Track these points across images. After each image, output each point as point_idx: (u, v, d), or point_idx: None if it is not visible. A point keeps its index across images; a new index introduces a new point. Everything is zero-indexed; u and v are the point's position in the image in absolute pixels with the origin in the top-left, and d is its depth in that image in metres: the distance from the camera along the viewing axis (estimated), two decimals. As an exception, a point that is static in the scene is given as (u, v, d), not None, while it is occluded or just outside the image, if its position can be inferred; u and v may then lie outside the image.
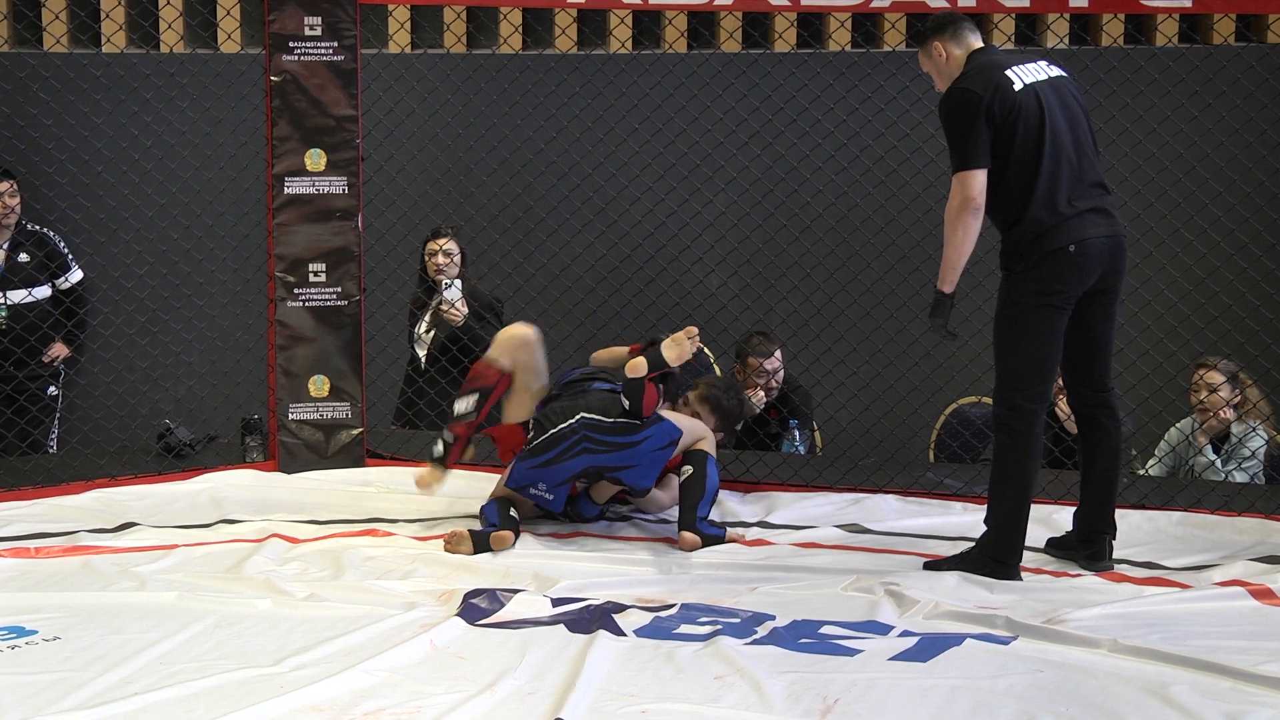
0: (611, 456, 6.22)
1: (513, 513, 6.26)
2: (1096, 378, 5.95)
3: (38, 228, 8.75)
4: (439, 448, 6.54)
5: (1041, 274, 5.66)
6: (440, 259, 8.29)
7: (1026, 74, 5.74)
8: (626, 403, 6.20)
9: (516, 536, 6.17)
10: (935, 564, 5.86)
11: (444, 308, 8.22)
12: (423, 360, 8.36)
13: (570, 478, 6.28)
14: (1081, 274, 5.67)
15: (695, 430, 6.46)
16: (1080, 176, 5.73)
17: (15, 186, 8.55)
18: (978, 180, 5.69)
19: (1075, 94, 5.87)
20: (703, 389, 6.86)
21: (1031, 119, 5.67)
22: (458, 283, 8.22)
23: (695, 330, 6.20)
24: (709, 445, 6.44)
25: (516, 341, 6.57)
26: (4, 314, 8.41)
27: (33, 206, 8.79)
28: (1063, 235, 5.64)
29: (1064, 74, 5.87)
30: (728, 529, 6.30)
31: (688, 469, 6.31)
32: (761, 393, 7.91)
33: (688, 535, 6.16)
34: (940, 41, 5.88)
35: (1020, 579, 5.71)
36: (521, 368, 6.55)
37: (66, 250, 8.78)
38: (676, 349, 6.15)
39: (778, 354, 7.98)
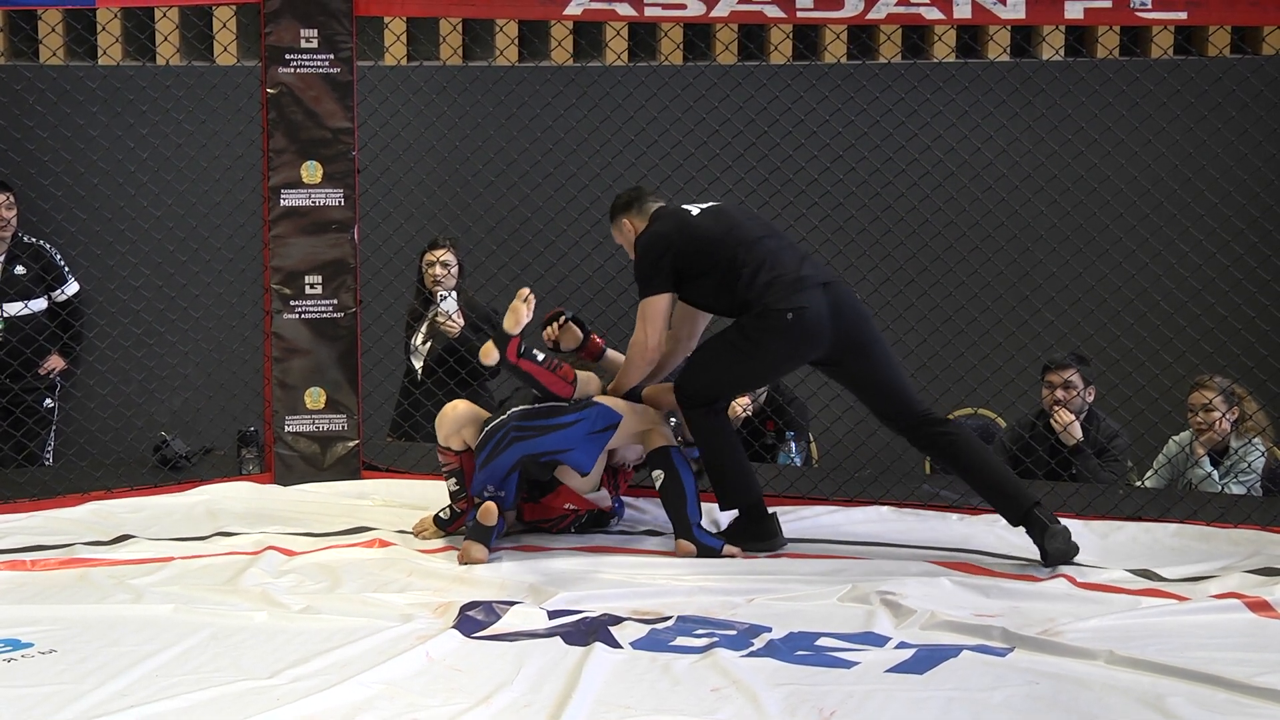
0: (543, 440, 6.23)
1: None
2: (906, 413, 6.32)
3: (34, 240, 8.75)
4: (445, 514, 6.53)
5: (753, 327, 6.17)
6: (438, 270, 8.29)
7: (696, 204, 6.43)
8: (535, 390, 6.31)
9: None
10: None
11: (440, 319, 8.22)
12: (419, 372, 8.36)
13: (509, 469, 6.22)
14: (801, 340, 6.15)
15: (640, 415, 6.41)
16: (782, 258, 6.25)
17: (12, 199, 8.55)
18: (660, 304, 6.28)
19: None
20: None
21: (715, 231, 6.24)
22: (454, 294, 8.23)
23: (526, 290, 6.25)
24: (665, 433, 6.37)
25: (457, 422, 6.46)
26: (0, 326, 8.41)
27: (29, 219, 8.79)
28: (776, 300, 6.10)
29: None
30: (725, 545, 6.26)
31: (658, 474, 6.30)
32: (746, 398, 7.92)
33: (684, 544, 6.16)
34: (628, 219, 6.46)
35: (778, 533, 6.33)
36: (474, 437, 6.49)
37: (63, 263, 8.78)
38: (513, 316, 6.19)
39: None
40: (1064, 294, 8.55)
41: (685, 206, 6.37)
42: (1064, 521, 6.45)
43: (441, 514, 6.49)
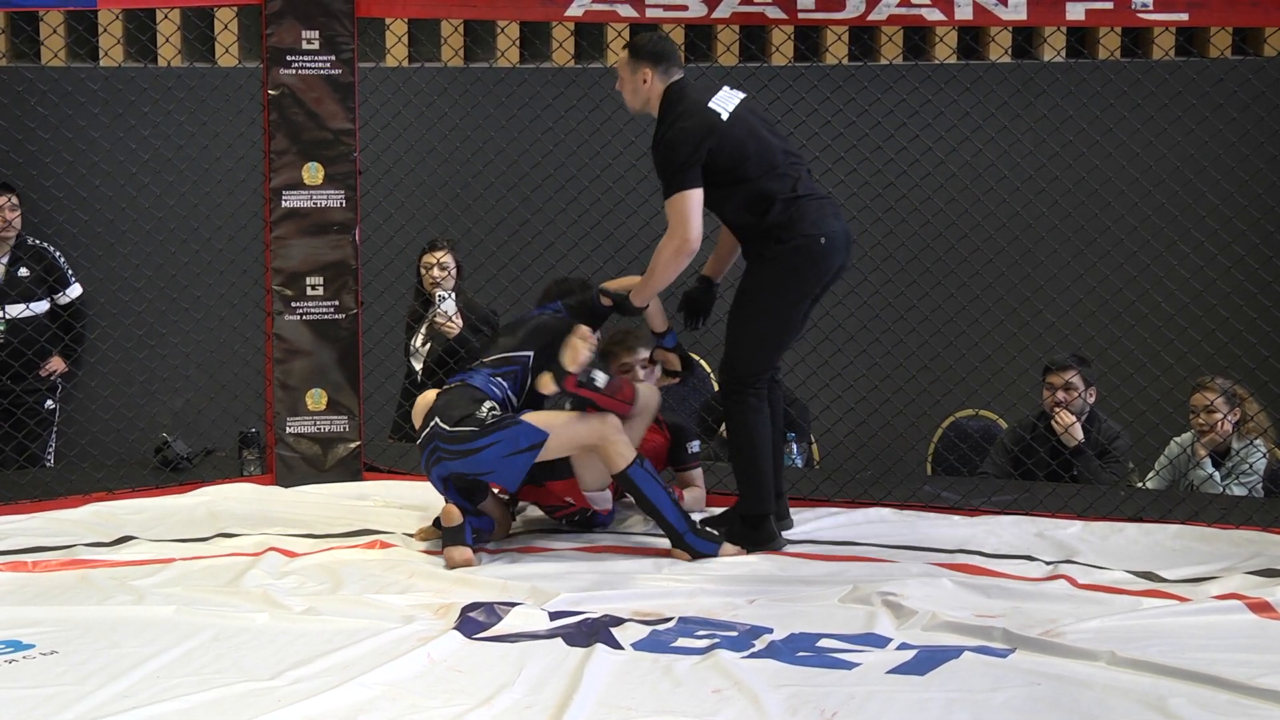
0: (462, 464, 6.11)
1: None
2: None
3: (38, 242, 8.75)
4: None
5: (792, 262, 6.10)
6: (436, 271, 8.29)
7: (723, 103, 6.15)
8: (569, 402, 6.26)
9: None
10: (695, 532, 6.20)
11: (439, 320, 8.22)
12: (419, 374, 8.36)
13: (442, 484, 6.19)
14: (827, 267, 6.16)
15: (587, 428, 6.13)
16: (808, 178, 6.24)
17: (15, 200, 8.55)
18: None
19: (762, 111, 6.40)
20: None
21: (748, 147, 6.10)
22: (453, 295, 8.23)
23: (587, 330, 6.17)
24: (621, 450, 6.09)
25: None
26: (2, 328, 8.41)
27: (30, 220, 8.79)
28: (809, 227, 6.07)
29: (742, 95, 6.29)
30: (723, 546, 6.25)
31: (627, 496, 6.31)
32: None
33: (679, 554, 6.16)
34: (650, 70, 6.18)
35: (777, 534, 6.29)
36: None
37: (66, 265, 8.79)
38: (572, 354, 6.08)
39: None
40: (1065, 295, 8.55)
41: (712, 106, 6.11)
42: (1063, 522, 6.49)
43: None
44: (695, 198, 5.98)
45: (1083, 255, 8.47)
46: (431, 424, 6.16)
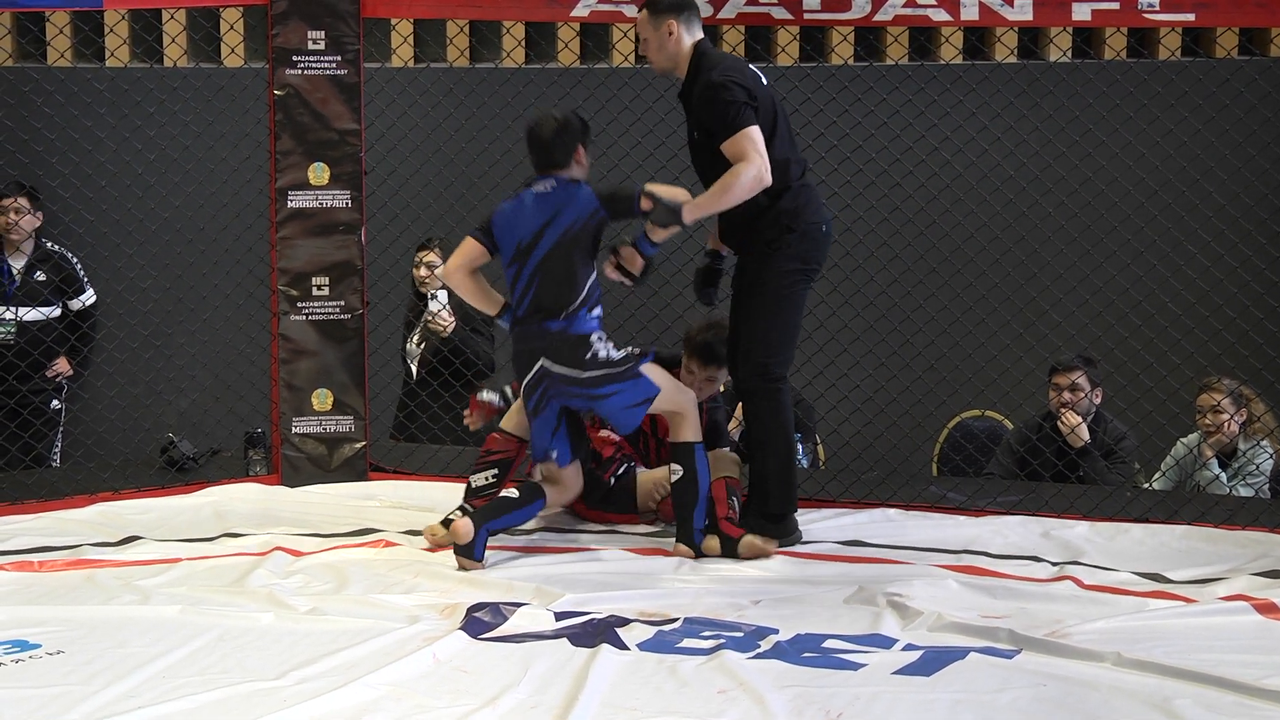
0: (580, 403, 6.16)
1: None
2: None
3: (58, 249, 8.75)
4: (454, 514, 6.45)
5: (801, 249, 6.12)
6: (423, 271, 8.30)
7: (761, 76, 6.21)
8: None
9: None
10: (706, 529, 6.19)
11: (429, 319, 8.22)
12: (414, 374, 8.36)
13: (555, 426, 6.16)
14: (825, 251, 6.25)
15: (675, 395, 6.18)
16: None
17: (27, 203, 8.54)
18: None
19: None
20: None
21: (777, 121, 6.12)
22: (444, 293, 8.21)
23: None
24: (693, 425, 6.17)
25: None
26: (12, 329, 8.42)
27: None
28: (813, 214, 6.14)
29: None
30: (745, 539, 6.18)
31: (677, 470, 6.19)
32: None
33: (682, 548, 6.18)
34: (676, 22, 6.15)
35: (799, 529, 6.30)
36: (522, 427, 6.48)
37: (83, 273, 8.78)
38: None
39: None
40: (1071, 295, 8.55)
41: (752, 67, 6.20)
42: (1069, 523, 6.50)
43: (451, 515, 6.46)
44: (759, 137, 5.92)
45: (1089, 256, 8.46)
46: (539, 365, 6.07)
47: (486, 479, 6.49)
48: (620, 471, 6.68)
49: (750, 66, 6.19)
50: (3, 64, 9.00)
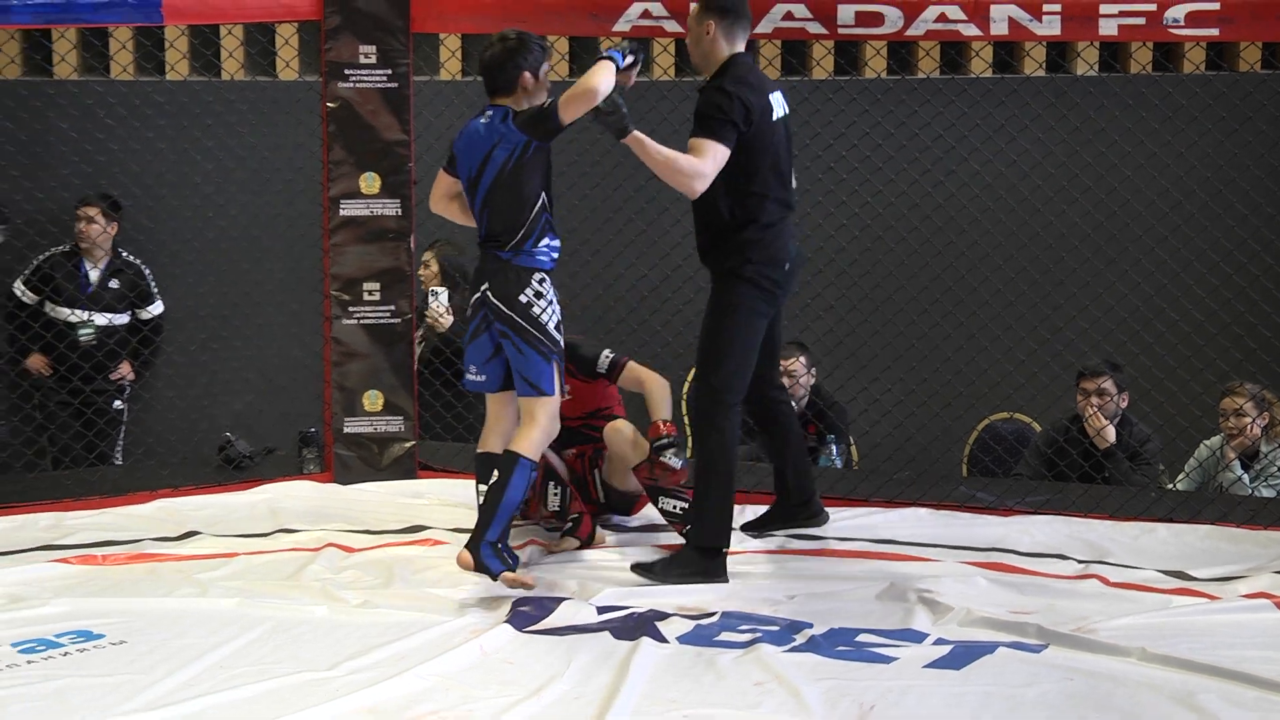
0: (501, 340, 5.72)
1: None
2: (774, 374, 6.35)
3: (131, 258, 8.78)
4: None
5: (759, 280, 5.90)
6: (422, 271, 8.33)
7: (779, 106, 5.96)
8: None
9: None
10: (642, 565, 5.83)
11: (428, 315, 8.21)
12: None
13: (491, 354, 5.76)
14: (787, 289, 6.06)
15: (535, 405, 5.68)
16: (794, 202, 6.06)
17: (100, 212, 8.57)
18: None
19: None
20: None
21: (772, 155, 5.89)
22: (444, 291, 8.20)
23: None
24: (531, 442, 5.64)
25: None
26: (93, 332, 8.47)
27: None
28: (777, 250, 5.92)
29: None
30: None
31: (494, 475, 5.63)
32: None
33: (464, 555, 5.60)
34: (717, 23, 5.91)
35: (725, 574, 5.78)
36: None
37: (154, 285, 8.81)
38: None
39: (800, 359, 8.00)
40: (1098, 302, 8.52)
41: (770, 98, 5.88)
42: (1095, 522, 6.47)
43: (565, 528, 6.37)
44: (723, 156, 5.68)
45: (1115, 263, 8.44)
46: (484, 289, 5.75)
47: (556, 498, 6.35)
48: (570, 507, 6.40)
49: (775, 96, 5.93)
50: (68, 77, 9.05)
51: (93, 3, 7.08)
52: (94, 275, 8.55)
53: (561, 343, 5.72)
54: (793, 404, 6.38)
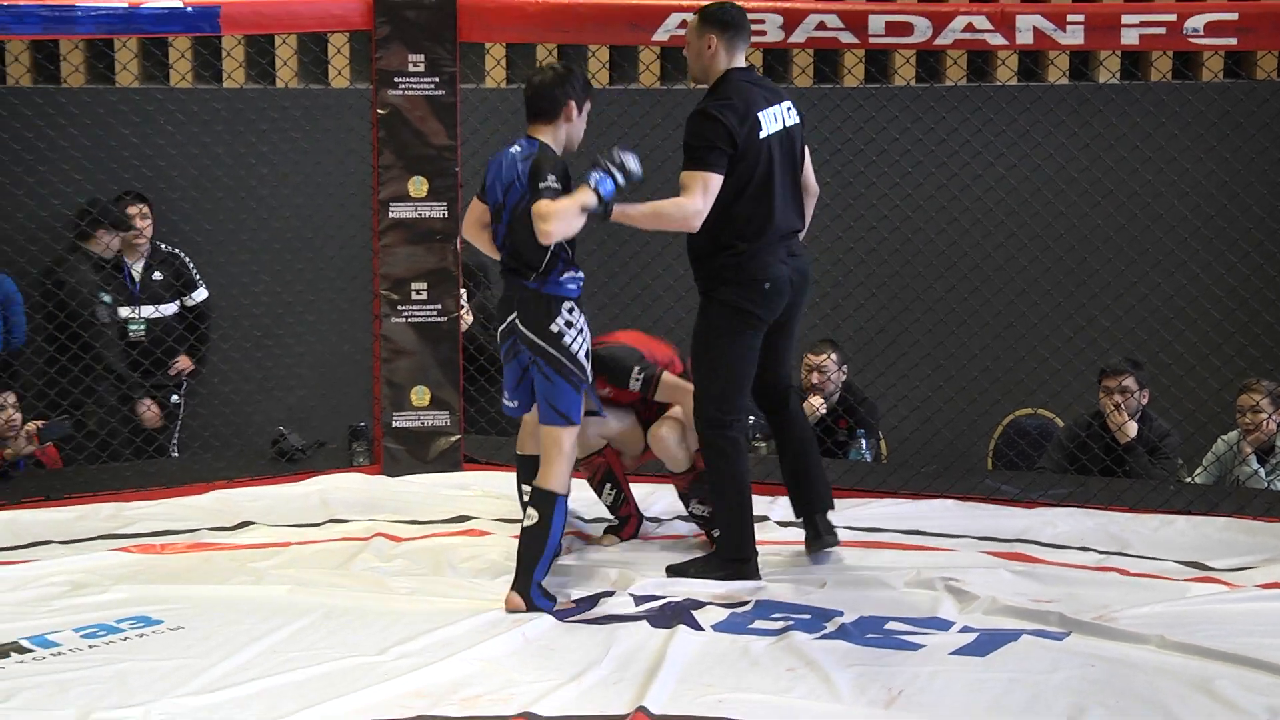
0: (529, 366, 5.52)
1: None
2: (783, 382, 5.93)
3: (169, 248, 8.79)
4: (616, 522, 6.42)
5: (739, 302, 5.62)
6: None
7: (769, 123, 5.60)
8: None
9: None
10: (677, 567, 5.74)
11: None
12: None
13: (520, 377, 5.58)
14: (773, 308, 5.67)
15: (562, 434, 5.48)
16: (782, 220, 5.67)
17: (147, 210, 8.60)
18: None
19: (799, 136, 5.77)
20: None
21: (760, 171, 5.56)
22: (462, 291, 8.17)
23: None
24: (559, 474, 5.44)
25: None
26: (143, 326, 8.49)
27: (159, 229, 8.84)
28: (758, 271, 5.59)
29: (797, 121, 5.75)
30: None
31: (532, 515, 5.40)
32: (820, 398, 7.95)
33: (514, 598, 5.34)
34: (715, 37, 5.63)
35: (759, 575, 5.64)
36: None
37: (195, 270, 8.82)
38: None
39: (831, 356, 7.99)
40: (1119, 302, 8.48)
41: (760, 115, 5.54)
42: (1116, 515, 6.45)
43: (612, 522, 6.40)
44: (715, 186, 5.45)
45: (1136, 265, 8.40)
46: (512, 318, 5.54)
47: (609, 497, 6.34)
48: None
49: (769, 111, 5.59)
50: (129, 85, 9.09)
51: (153, 14, 7.12)
52: (137, 271, 8.55)
53: (589, 370, 5.52)
54: (806, 414, 6.07)
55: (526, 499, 5.55)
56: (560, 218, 5.23)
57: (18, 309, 8.47)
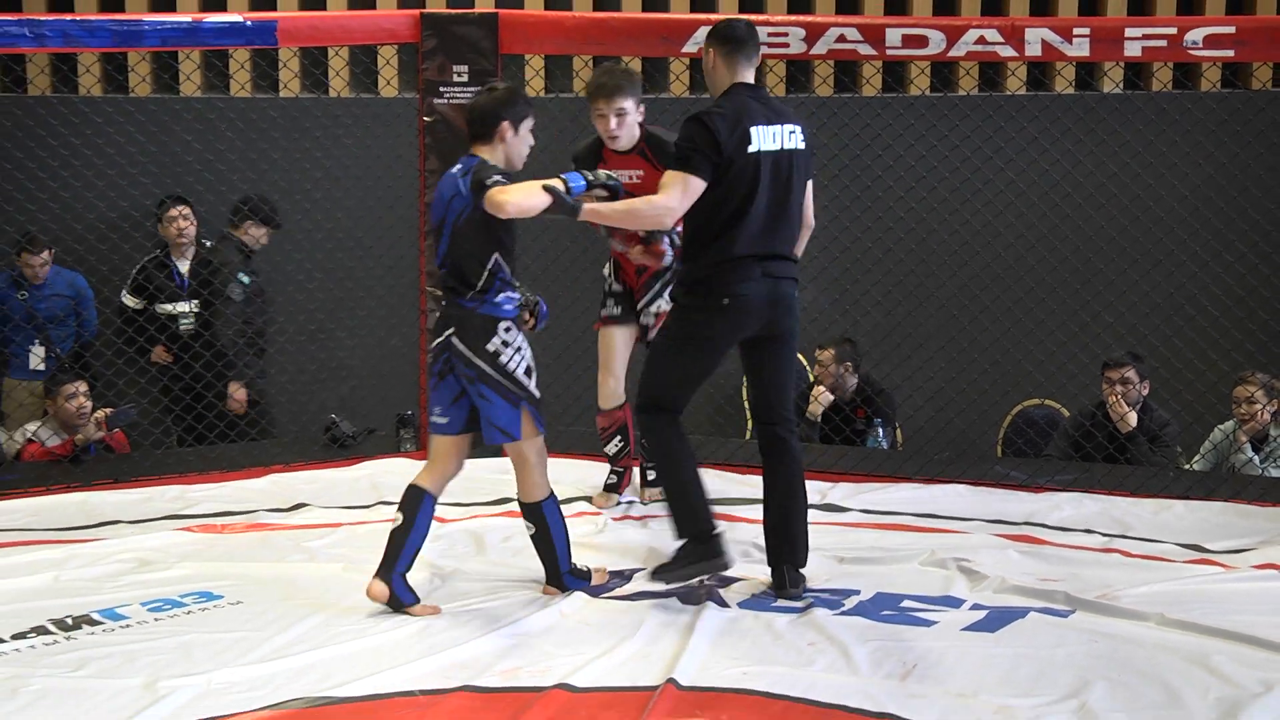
0: (465, 384, 5.26)
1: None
2: (774, 410, 5.35)
3: (210, 244, 8.77)
4: (611, 479, 6.63)
5: (698, 312, 5.26)
6: None
7: (763, 139, 5.23)
8: None
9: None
10: (658, 569, 5.31)
11: None
12: None
13: (457, 394, 5.31)
14: (736, 324, 5.25)
15: (524, 449, 5.32)
16: (759, 240, 5.24)
17: (189, 211, 8.58)
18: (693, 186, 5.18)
19: (802, 163, 5.38)
20: None
21: (744, 186, 5.19)
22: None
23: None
24: (533, 482, 5.30)
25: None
26: (192, 322, 8.49)
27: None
28: (719, 286, 5.21)
29: (801, 147, 5.36)
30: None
31: (530, 528, 5.33)
32: (823, 389, 7.95)
33: (551, 589, 5.32)
34: (717, 53, 5.37)
35: (723, 553, 5.23)
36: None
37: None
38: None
39: (831, 352, 7.99)
40: (1122, 299, 8.47)
41: (751, 130, 5.19)
42: (1118, 499, 6.42)
43: (608, 481, 6.57)
44: (695, 188, 5.12)
45: (1137, 264, 8.38)
46: (448, 334, 5.31)
47: (615, 448, 6.53)
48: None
49: (764, 128, 5.23)
50: (193, 94, 9.12)
51: (215, 28, 7.16)
52: (184, 269, 8.55)
53: (531, 388, 5.20)
54: (793, 453, 5.36)
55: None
56: (519, 190, 5.05)
57: (89, 304, 8.53)
